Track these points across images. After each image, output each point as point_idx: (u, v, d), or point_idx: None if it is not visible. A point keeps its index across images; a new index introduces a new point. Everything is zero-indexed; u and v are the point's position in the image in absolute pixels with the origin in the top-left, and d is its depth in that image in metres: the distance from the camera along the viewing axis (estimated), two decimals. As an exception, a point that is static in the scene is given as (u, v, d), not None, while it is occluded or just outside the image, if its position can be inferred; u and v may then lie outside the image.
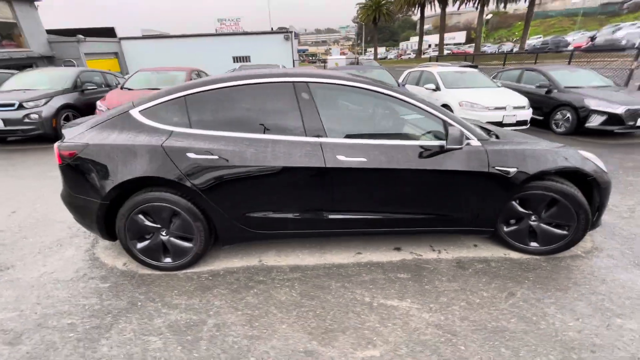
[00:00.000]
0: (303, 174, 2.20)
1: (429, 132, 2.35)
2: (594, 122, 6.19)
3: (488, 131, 2.64)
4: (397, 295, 2.14)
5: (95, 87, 7.24)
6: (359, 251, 2.64)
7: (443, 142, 2.24)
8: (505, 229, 2.55)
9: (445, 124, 2.26)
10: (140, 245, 2.34)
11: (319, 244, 2.74)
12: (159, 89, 6.61)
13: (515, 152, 2.30)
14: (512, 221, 2.53)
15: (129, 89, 6.72)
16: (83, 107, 6.76)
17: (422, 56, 42.06)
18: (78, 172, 2.21)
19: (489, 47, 46.59)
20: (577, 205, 2.30)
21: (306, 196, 2.27)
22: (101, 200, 2.18)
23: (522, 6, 38.56)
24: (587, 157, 2.41)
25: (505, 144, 2.36)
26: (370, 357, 1.68)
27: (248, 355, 1.70)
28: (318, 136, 2.21)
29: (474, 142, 2.29)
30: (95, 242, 2.83)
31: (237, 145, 2.17)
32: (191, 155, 2.14)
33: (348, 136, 2.28)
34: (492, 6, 35.70)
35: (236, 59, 19.19)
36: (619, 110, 5.94)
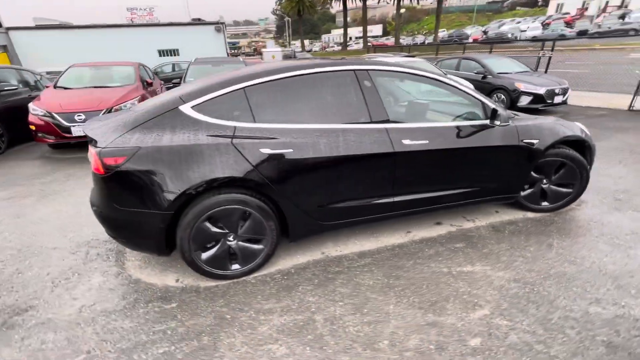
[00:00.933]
0: (374, 161, 2.24)
1: (464, 114, 2.59)
2: (523, 102, 7.37)
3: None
4: (467, 262, 2.36)
5: (15, 88, 5.92)
6: (408, 230, 2.80)
7: (486, 122, 2.51)
8: (522, 193, 2.97)
9: (485, 106, 2.53)
10: (205, 255, 2.11)
11: (369, 229, 2.81)
12: (105, 87, 5.80)
13: (536, 127, 2.69)
14: (526, 186, 2.96)
15: (65, 88, 5.67)
16: (2, 112, 5.49)
17: (348, 48, 43.77)
18: (129, 181, 1.89)
19: (403, 40, 50.70)
20: (581, 166, 2.81)
21: (376, 182, 2.32)
22: (164, 210, 1.91)
23: (428, 1, 42.79)
24: (580, 126, 2.94)
25: (525, 120, 2.74)
26: (484, 316, 1.86)
27: (379, 339, 1.73)
28: (383, 122, 2.27)
29: (507, 119, 2.61)
30: (121, 263, 2.44)
31: (309, 137, 2.11)
32: (265, 150, 2.01)
33: (407, 120, 2.39)
34: (406, 1, 38.83)
35: (162, 53, 17.42)
36: (541, 91, 7.19)
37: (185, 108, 2.01)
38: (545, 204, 2.98)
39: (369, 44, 44.43)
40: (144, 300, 2.06)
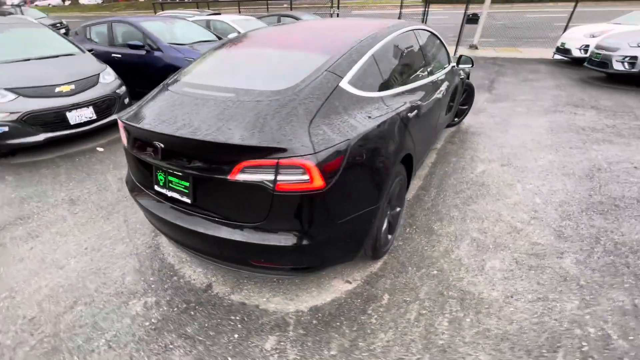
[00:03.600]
0: (437, 104, 2.69)
1: (442, 60, 3.38)
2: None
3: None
4: (471, 168, 3.39)
5: None
6: (419, 162, 3.50)
7: (454, 64, 3.41)
8: (449, 115, 4.26)
9: (448, 53, 3.40)
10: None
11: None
12: None
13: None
14: (449, 108, 4.27)
15: None
16: None
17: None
18: (347, 185, 1.50)
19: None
20: (472, 90, 4.34)
21: (436, 124, 2.81)
22: (379, 202, 1.68)
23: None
24: (463, 64, 4.42)
25: (453, 62, 3.87)
26: (515, 194, 2.96)
27: (497, 232, 2.47)
28: (430, 74, 2.70)
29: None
30: (262, 312, 1.83)
31: (418, 96, 2.28)
32: (410, 115, 2.05)
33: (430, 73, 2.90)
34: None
35: None
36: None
37: (344, 84, 1.68)
38: (456, 119, 4.44)
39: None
40: (358, 313, 1.80)
